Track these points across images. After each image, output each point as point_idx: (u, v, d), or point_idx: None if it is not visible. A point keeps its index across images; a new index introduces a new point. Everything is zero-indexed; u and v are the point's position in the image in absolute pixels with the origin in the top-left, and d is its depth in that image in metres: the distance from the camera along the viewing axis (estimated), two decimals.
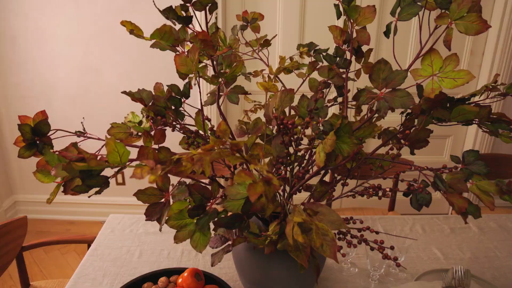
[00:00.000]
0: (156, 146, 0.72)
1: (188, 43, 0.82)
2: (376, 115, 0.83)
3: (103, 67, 2.10)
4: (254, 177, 0.49)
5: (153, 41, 0.81)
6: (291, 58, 1.04)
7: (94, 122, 2.20)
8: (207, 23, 0.66)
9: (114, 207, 2.38)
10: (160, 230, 0.71)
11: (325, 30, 1.98)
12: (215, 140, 0.55)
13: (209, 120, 0.77)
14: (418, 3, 0.71)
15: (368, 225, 1.18)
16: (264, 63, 1.00)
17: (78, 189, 0.64)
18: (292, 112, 0.86)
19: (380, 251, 0.63)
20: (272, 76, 1.00)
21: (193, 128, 0.81)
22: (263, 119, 0.86)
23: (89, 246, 1.14)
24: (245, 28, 1.00)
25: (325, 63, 0.89)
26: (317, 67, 0.96)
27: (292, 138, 0.66)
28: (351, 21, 0.79)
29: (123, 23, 0.62)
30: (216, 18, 0.86)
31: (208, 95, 0.89)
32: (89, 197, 0.68)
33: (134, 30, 0.60)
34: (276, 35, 1.26)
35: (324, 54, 0.87)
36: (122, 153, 0.57)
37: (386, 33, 0.78)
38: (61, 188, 0.69)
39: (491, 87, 0.76)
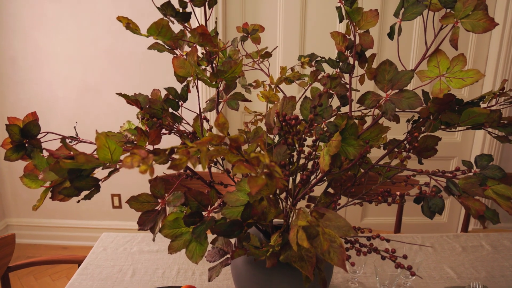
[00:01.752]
0: (151, 148, 0.68)
1: (187, 47, 0.80)
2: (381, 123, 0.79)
3: (103, 87, 2.09)
4: (255, 170, 0.45)
5: (151, 44, 0.79)
6: (292, 69, 1.02)
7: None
8: (206, 20, 0.64)
9: (110, 232, 2.31)
10: (154, 240, 0.65)
11: (326, 39, 1.99)
12: (213, 134, 0.51)
13: (207, 120, 0.74)
14: (422, 3, 0.69)
15: (376, 245, 1.12)
16: (265, 73, 0.98)
17: (66, 192, 0.60)
18: None
19: (392, 259, 0.58)
20: (273, 86, 0.98)
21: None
22: (264, 129, 0.82)
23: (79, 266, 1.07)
24: (246, 39, 0.99)
25: (327, 72, 0.87)
26: (319, 76, 0.94)
27: (295, 137, 0.62)
28: (354, 24, 0.77)
29: (119, 18, 0.60)
30: (216, 23, 0.85)
31: (208, 102, 0.87)
32: (78, 202, 0.63)
33: (130, 24, 0.58)
34: (277, 46, 1.25)
35: (327, 59, 0.85)
36: (113, 150, 0.53)
37: (390, 35, 0.76)
38: (49, 194, 0.65)
39: (498, 93, 0.73)
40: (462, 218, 2.30)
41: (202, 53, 0.81)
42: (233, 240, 0.76)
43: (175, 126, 0.73)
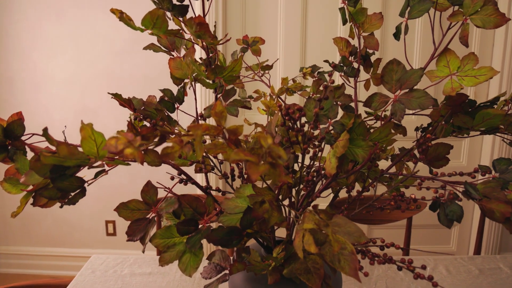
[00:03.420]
0: None
1: (183, 49, 0.77)
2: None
3: (101, 110, 2.07)
4: (256, 156, 0.40)
5: (148, 45, 0.76)
6: (293, 80, 0.99)
7: None
8: (204, 14, 0.61)
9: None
10: (143, 251, 0.59)
11: (327, 46, 1.98)
12: (209, 125, 0.46)
13: (205, 119, 0.70)
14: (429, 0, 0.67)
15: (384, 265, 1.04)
16: (265, 84, 0.95)
17: (47, 194, 0.54)
18: None
19: (410, 269, 0.51)
20: (274, 97, 0.94)
21: None
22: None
23: None
24: (246, 50, 0.96)
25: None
26: (321, 86, 0.90)
27: (299, 133, 0.58)
28: (358, 26, 0.75)
29: (112, 10, 0.57)
30: (214, 26, 0.83)
31: (206, 109, 0.83)
32: (61, 207, 0.58)
33: (123, 14, 0.55)
34: (278, 59, 1.23)
35: (330, 63, 0.82)
36: (100, 143, 0.48)
37: (396, 35, 0.73)
38: (31, 200, 0.59)
39: (511, 99, 0.70)
40: (472, 246, 2.20)
41: (201, 58, 0.78)
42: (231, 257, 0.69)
43: (169, 128, 0.69)
